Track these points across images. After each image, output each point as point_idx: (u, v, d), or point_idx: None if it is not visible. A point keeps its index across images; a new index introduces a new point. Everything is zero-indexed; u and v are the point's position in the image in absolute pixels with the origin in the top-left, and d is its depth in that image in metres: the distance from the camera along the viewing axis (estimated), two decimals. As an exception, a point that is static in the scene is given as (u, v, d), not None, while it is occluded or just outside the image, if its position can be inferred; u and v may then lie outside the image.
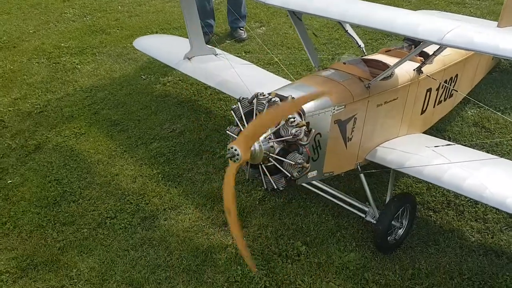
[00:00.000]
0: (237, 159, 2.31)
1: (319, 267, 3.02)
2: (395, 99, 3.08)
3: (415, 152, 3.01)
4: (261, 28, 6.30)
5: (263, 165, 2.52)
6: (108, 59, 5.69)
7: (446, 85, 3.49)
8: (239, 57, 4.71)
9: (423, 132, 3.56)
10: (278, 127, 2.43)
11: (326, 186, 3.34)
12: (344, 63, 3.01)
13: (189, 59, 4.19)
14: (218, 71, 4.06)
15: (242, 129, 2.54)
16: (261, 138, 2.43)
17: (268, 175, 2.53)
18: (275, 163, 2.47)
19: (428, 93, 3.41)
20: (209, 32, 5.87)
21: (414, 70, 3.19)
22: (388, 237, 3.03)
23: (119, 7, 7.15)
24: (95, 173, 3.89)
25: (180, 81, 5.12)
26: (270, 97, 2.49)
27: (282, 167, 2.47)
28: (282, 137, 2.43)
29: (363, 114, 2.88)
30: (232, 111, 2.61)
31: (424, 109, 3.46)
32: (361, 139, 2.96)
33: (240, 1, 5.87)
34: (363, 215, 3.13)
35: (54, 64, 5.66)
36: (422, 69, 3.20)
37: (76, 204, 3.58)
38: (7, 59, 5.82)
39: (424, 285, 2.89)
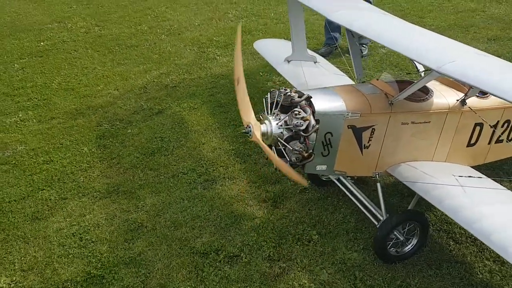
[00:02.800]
0: (250, 135, 2.90)
1: (321, 255, 3.41)
2: (426, 122, 3.26)
3: (434, 175, 3.16)
4: (384, 48, 6.56)
5: (274, 148, 3.05)
6: (242, 55, 6.61)
7: (490, 125, 3.45)
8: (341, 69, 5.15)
9: (474, 167, 3.59)
10: (288, 116, 2.93)
11: (355, 189, 3.65)
12: (377, 79, 3.32)
13: (288, 62, 4.79)
14: (309, 76, 4.58)
15: (267, 114, 3.08)
16: (274, 124, 2.96)
17: (287, 158, 3.04)
18: (281, 147, 2.98)
19: (478, 127, 3.46)
20: (333, 44, 6.40)
21: (457, 100, 3.31)
22: (389, 247, 3.25)
23: (272, 14, 8.09)
24: (189, 139, 4.80)
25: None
26: (287, 91, 3.00)
27: (285, 151, 2.97)
28: (288, 125, 2.93)
29: (383, 127, 3.17)
30: (264, 99, 3.18)
31: (472, 142, 3.51)
32: (380, 150, 3.24)
33: None
34: (376, 223, 3.39)
35: (201, 53, 6.83)
36: (467, 101, 3.30)
37: (165, 157, 4.53)
38: (170, 43, 7.19)
39: (405, 299, 3.08)
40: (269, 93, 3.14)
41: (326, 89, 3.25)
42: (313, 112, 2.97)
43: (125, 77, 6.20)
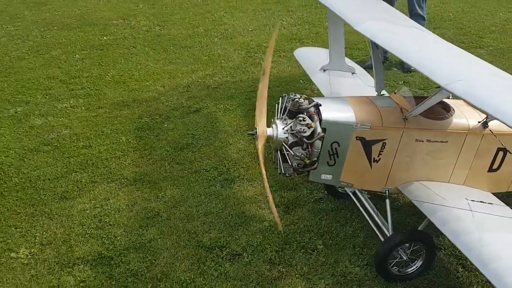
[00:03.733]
0: (255, 137, 2.98)
1: (323, 265, 3.41)
2: (443, 141, 3.17)
3: (445, 197, 3.07)
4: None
5: (279, 152, 3.10)
6: (287, 62, 6.71)
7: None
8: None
9: (495, 193, 3.44)
10: (293, 122, 2.97)
11: (369, 204, 3.61)
12: (395, 93, 3.27)
13: (324, 71, 4.80)
14: (340, 87, 4.58)
15: (278, 117, 3.14)
16: (280, 129, 3.02)
17: (280, 161, 3.10)
18: (285, 152, 3.02)
19: (502, 152, 3.31)
20: (383, 55, 6.31)
21: (479, 122, 3.19)
22: (392, 265, 3.19)
23: (326, 23, 8.08)
24: (218, 138, 4.94)
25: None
26: (296, 97, 3.04)
27: (287, 156, 3.01)
28: (292, 131, 2.97)
29: (395, 142, 3.11)
30: (276, 104, 3.23)
31: (494, 167, 3.37)
32: (392, 166, 3.19)
33: None
34: (382, 239, 3.33)
35: (248, 57, 6.98)
36: (490, 124, 3.17)
37: (192, 153, 4.70)
38: (221, 46, 7.41)
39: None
40: (280, 98, 3.20)
41: (338, 98, 3.26)
42: (321, 120, 2.99)
43: (173, 75, 6.47)
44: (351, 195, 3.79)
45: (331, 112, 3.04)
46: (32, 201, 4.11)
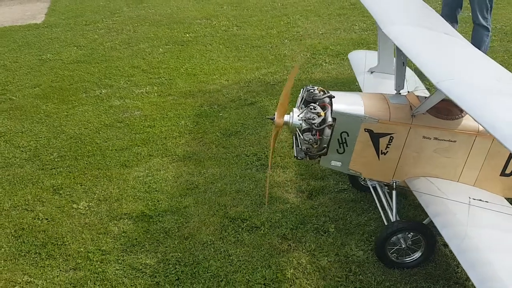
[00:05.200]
0: (274, 122, 3.40)
1: (330, 245, 3.74)
2: (451, 140, 3.34)
3: (446, 193, 3.25)
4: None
5: (294, 136, 3.49)
6: (348, 65, 6.98)
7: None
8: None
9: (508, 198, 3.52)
10: (305, 110, 3.34)
11: (385, 198, 3.83)
12: (408, 92, 3.49)
13: (371, 73, 5.03)
14: (382, 88, 4.81)
15: (297, 106, 3.52)
16: (295, 116, 3.40)
17: (295, 145, 3.48)
18: (297, 136, 3.40)
19: None
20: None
21: (490, 125, 3.32)
22: (391, 252, 3.43)
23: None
24: (264, 129, 5.40)
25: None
26: (312, 88, 3.40)
27: (299, 140, 3.38)
28: (305, 118, 3.33)
29: (403, 137, 3.35)
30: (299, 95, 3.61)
31: (507, 172, 3.46)
32: (399, 159, 3.43)
33: (480, 44, 6.03)
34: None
35: (311, 58, 7.35)
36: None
37: (238, 140, 5.21)
38: (289, 47, 7.84)
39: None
40: (302, 89, 3.58)
41: (353, 93, 3.57)
42: (332, 111, 3.34)
43: (239, 71, 7.04)
44: (370, 188, 4.05)
45: (342, 104, 3.37)
46: (98, 166, 4.87)
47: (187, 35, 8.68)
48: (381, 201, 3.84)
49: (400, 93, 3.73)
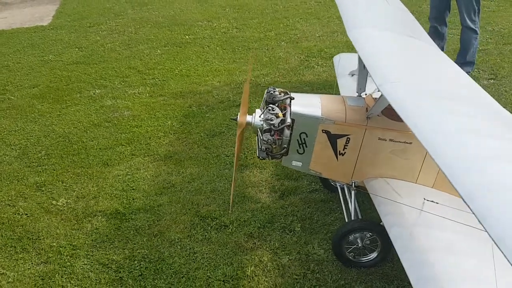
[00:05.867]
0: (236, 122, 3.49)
1: (293, 244, 3.82)
2: (407, 142, 3.38)
3: (400, 193, 3.30)
4: (489, 80, 6.25)
5: (257, 137, 3.57)
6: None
7: None
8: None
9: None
10: (264, 111, 3.42)
11: (351, 199, 3.87)
12: (366, 94, 3.53)
13: (352, 75, 5.08)
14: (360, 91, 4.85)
15: (262, 108, 3.60)
16: (257, 116, 3.48)
17: (258, 145, 3.56)
18: (257, 137, 3.48)
19: None
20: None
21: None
22: (349, 250, 3.47)
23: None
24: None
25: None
26: (273, 90, 3.47)
27: (259, 140, 3.46)
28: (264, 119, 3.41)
29: (359, 139, 3.40)
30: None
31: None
32: (356, 160, 3.48)
33: (468, 46, 6.04)
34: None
35: (304, 61, 7.39)
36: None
37: (221, 141, 5.31)
38: (284, 50, 7.90)
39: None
40: (266, 91, 3.66)
41: (313, 95, 3.63)
42: (289, 111, 3.41)
43: (231, 73, 7.14)
44: (338, 188, 4.10)
45: (301, 106, 3.43)
46: (81, 164, 5.03)
47: (187, 36, 8.82)
48: (347, 201, 3.89)
49: (360, 96, 3.77)
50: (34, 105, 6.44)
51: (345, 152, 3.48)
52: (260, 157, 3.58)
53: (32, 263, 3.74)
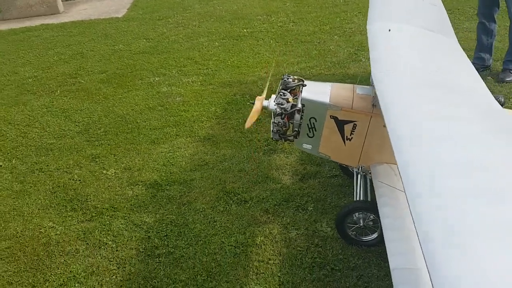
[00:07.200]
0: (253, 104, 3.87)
1: (302, 221, 4.13)
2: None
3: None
4: None
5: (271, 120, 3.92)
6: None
7: None
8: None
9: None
10: (277, 96, 3.76)
11: (364, 182, 4.11)
12: (376, 84, 3.75)
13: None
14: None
15: (278, 94, 3.95)
16: (272, 101, 3.83)
17: (271, 128, 3.91)
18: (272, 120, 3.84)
19: None
20: (480, 64, 6.31)
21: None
22: (352, 229, 3.74)
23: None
24: (283, 117, 5.83)
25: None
26: (286, 77, 3.80)
27: (272, 123, 3.82)
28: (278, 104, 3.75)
29: (365, 125, 3.64)
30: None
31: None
32: (363, 146, 3.72)
33: None
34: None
35: (353, 54, 7.59)
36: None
37: (256, 127, 5.69)
38: (336, 43, 8.14)
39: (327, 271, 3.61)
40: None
41: (325, 83, 3.90)
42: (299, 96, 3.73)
43: (279, 65, 7.50)
44: (354, 174, 4.34)
45: (311, 92, 3.74)
46: (132, 141, 5.66)
47: (245, 30, 9.30)
48: (358, 184, 4.14)
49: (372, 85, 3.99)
50: (100, 88, 7.23)
51: (352, 137, 3.74)
52: (274, 139, 3.93)
53: (77, 220, 4.39)
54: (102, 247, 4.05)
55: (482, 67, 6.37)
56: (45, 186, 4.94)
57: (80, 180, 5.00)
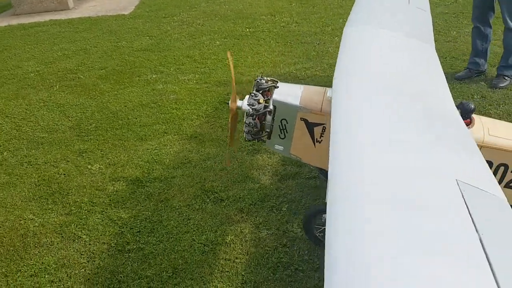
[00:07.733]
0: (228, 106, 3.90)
1: (275, 222, 4.14)
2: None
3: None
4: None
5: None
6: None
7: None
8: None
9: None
10: (249, 96, 3.78)
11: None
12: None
13: None
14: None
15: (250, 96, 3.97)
16: (245, 101, 3.85)
17: (244, 128, 3.94)
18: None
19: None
20: (474, 69, 6.23)
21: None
22: (320, 231, 3.74)
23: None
24: (271, 118, 5.85)
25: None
26: (259, 79, 3.82)
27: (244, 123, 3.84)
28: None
29: None
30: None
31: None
32: (332, 149, 3.71)
33: (511, 49, 5.86)
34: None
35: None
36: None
37: (241, 126, 5.71)
38: (336, 44, 8.11)
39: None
40: (254, 81, 4.02)
41: (298, 85, 3.90)
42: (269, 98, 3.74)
43: (276, 65, 7.52)
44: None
45: (282, 94, 3.74)
46: (121, 137, 5.74)
47: (247, 29, 9.33)
48: None
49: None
50: (97, 84, 7.34)
51: (321, 140, 3.74)
52: (246, 139, 3.96)
53: (56, 214, 4.48)
54: (76, 240, 4.13)
55: (476, 73, 6.29)
56: (31, 179, 5.05)
57: (64, 174, 5.10)
